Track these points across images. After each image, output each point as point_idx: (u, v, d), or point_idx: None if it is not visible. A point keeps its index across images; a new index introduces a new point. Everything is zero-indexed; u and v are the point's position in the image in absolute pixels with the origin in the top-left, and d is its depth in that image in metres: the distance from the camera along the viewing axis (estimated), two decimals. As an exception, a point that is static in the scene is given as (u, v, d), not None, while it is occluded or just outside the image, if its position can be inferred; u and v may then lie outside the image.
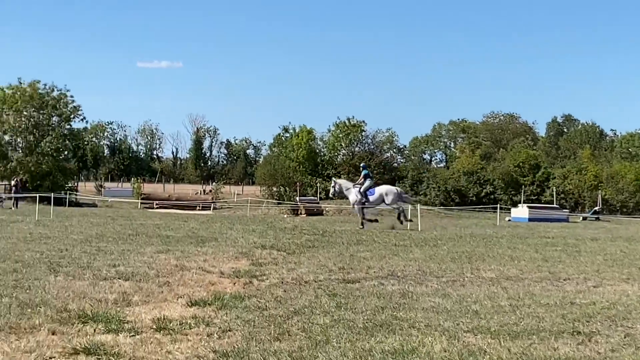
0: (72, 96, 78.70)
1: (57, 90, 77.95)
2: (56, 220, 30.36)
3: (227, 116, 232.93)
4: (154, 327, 9.01)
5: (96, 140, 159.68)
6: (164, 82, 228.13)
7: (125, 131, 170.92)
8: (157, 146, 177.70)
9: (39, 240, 20.40)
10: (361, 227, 32.05)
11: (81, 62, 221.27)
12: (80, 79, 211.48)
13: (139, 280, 12.77)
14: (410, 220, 33.56)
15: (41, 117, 76.77)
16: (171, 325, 9.12)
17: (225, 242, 21.69)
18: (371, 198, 33.14)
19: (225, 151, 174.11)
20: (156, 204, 61.72)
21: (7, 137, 78.35)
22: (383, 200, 33.28)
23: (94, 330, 8.75)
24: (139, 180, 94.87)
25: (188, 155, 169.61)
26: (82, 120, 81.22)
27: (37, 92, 76.25)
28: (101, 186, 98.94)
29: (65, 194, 64.78)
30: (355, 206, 33.56)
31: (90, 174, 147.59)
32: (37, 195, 41.99)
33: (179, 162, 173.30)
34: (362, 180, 33.77)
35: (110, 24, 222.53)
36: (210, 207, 64.19)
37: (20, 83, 77.40)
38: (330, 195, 38.65)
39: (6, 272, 13.12)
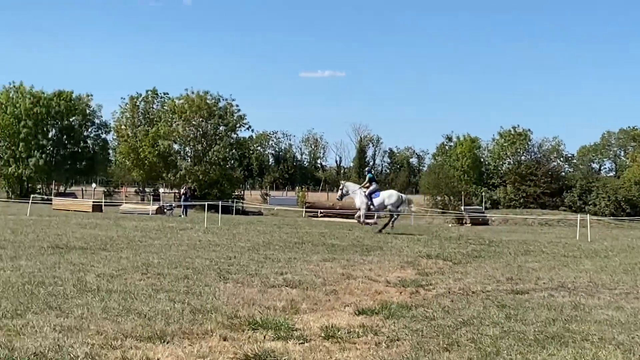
0: (237, 105, 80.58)
1: (223, 100, 79.86)
2: (224, 228, 30.96)
3: (390, 125, 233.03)
4: (323, 335, 9.04)
5: (261, 149, 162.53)
6: (327, 92, 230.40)
7: (289, 140, 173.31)
8: (321, 155, 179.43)
9: (208, 247, 20.83)
10: (366, 224, 33.62)
11: (246, 73, 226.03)
12: (245, 89, 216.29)
13: (306, 288, 12.84)
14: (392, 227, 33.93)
15: (209, 126, 78.72)
16: (339, 333, 9.12)
17: (391, 251, 21.61)
18: (375, 201, 33.79)
19: (389, 160, 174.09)
20: (320, 213, 62.27)
21: (176, 146, 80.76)
22: (385, 204, 33.97)
23: (264, 337, 8.84)
24: (303, 189, 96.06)
25: (351, 164, 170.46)
26: (247, 129, 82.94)
27: (205, 102, 78.26)
28: (266, 194, 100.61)
29: (232, 202, 66.09)
30: (361, 208, 34.07)
31: (256, 183, 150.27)
32: (206, 203, 42.93)
33: (342, 171, 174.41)
34: (368, 184, 34.57)
35: (273, 36, 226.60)
36: (374, 216, 64.28)
37: (190, 94, 79.66)
38: (337, 198, 39.33)
39: (178, 279, 13.44)
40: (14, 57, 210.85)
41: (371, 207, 34.08)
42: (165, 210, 56.11)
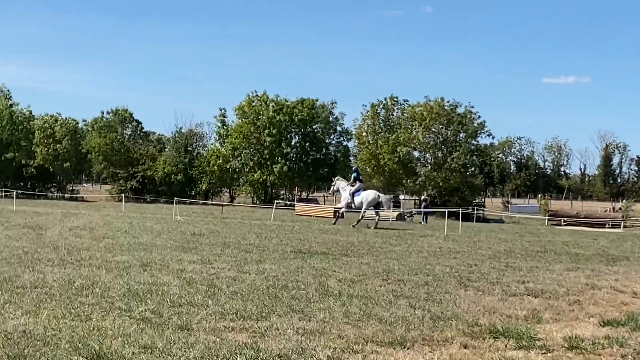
0: (476, 112, 79.92)
1: (461, 107, 79.58)
2: (464, 236, 30.80)
3: (638, 132, 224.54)
4: (566, 345, 8.82)
5: (503, 157, 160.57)
6: (570, 98, 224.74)
7: (532, 147, 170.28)
8: (565, 162, 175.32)
9: (448, 254, 20.79)
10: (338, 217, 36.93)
11: (488, 79, 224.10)
12: (487, 95, 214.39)
13: (548, 298, 12.60)
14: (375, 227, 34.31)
15: (449, 133, 78.59)
16: (583, 344, 8.87)
17: (637, 261, 20.87)
18: (356, 200, 36.11)
19: (636, 168, 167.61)
20: (563, 221, 60.86)
21: (416, 153, 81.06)
22: (365, 203, 36.04)
23: (505, 346, 8.72)
24: (545, 197, 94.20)
25: (596, 172, 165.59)
26: (488, 136, 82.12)
27: (443, 109, 78.24)
28: (508, 202, 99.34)
29: (473, 209, 65.63)
30: (342, 202, 37.52)
31: (497, 190, 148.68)
32: (446, 210, 42.89)
33: (586, 179, 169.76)
34: (353, 182, 37.37)
35: (516, 41, 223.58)
36: (621, 225, 62.14)
37: (428, 101, 79.94)
38: (330, 193, 44.49)
39: (418, 285, 13.48)
40: (258, 66, 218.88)
41: (352, 205, 36.56)
42: (405, 217, 56.45)
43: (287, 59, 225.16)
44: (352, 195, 36.36)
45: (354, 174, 38.25)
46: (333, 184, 39.72)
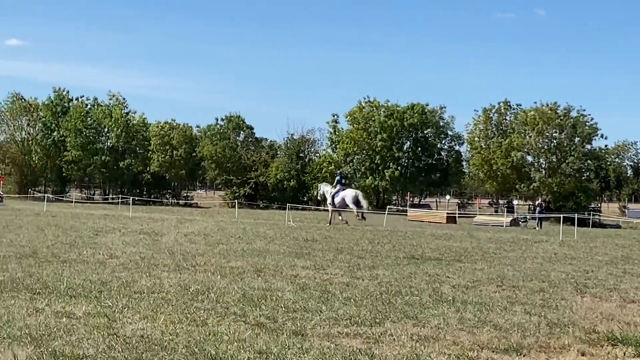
0: (588, 115, 78.77)
1: (574, 111, 78.52)
2: (580, 241, 30.26)
3: None
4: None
5: (619, 161, 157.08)
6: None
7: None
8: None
9: (563, 260, 20.45)
10: (328, 224, 37.75)
11: (603, 81, 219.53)
12: (600, 98, 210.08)
13: (668, 304, 12.30)
14: (363, 219, 39.70)
15: (562, 137, 77.58)
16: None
17: None
18: (336, 200, 40.12)
19: None
20: (683, 226, 59.35)
21: (529, 158, 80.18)
22: (345, 202, 40.05)
23: (624, 354, 8.55)
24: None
25: None
26: (601, 137, 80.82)
27: (555, 113, 77.36)
28: (625, 207, 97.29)
29: (588, 214, 64.48)
30: (329, 206, 40.98)
31: (613, 195, 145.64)
32: (561, 215, 42.24)
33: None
34: (335, 185, 41.59)
35: (630, 43, 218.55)
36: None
37: (540, 105, 79.11)
38: (319, 197, 47.75)
39: (533, 291, 13.30)
40: (369, 71, 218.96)
41: (336, 205, 40.18)
42: (519, 222, 55.78)
43: (398, 63, 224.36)
44: (333, 197, 40.20)
45: (337, 178, 42.43)
46: (319, 188, 44.31)
